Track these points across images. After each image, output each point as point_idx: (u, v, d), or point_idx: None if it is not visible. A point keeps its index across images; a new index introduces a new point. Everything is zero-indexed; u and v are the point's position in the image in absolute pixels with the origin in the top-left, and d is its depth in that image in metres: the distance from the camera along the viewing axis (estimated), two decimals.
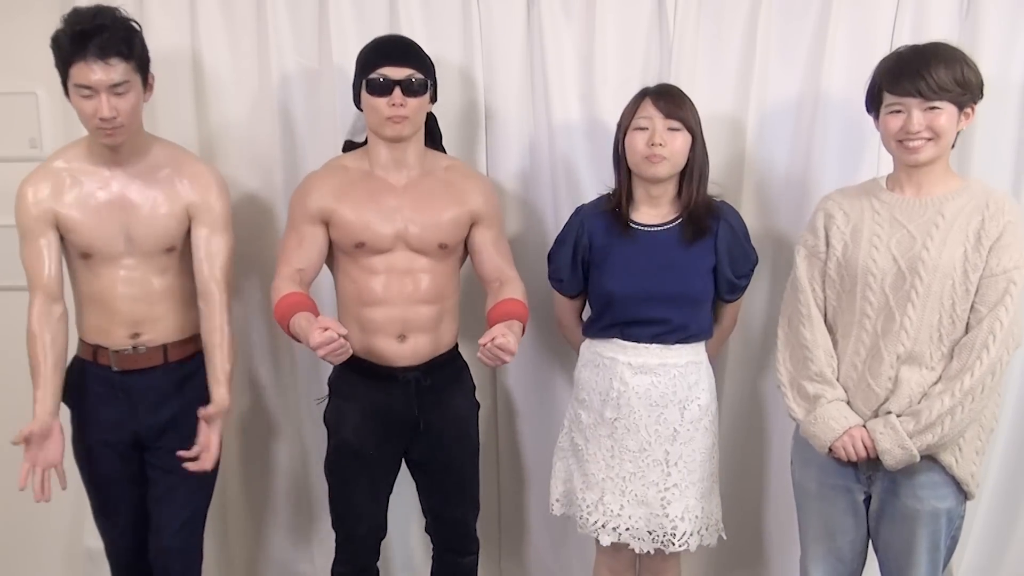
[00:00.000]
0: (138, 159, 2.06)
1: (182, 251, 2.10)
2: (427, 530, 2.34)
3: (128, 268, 2.05)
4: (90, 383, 2.12)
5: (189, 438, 2.10)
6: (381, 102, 2.01)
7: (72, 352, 2.15)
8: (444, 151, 2.26)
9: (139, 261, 2.06)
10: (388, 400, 2.14)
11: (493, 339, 1.89)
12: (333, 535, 2.27)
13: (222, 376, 2.08)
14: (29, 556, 2.77)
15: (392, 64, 2.01)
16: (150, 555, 2.19)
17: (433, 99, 2.12)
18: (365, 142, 2.16)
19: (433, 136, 2.22)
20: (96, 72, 1.88)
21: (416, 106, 2.03)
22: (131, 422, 2.10)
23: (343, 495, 2.20)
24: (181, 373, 2.12)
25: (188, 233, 2.09)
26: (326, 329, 1.83)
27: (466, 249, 2.21)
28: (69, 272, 2.12)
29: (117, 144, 1.99)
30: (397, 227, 2.07)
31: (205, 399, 2.14)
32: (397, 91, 2.00)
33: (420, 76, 2.03)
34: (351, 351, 1.90)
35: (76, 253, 2.07)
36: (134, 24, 1.96)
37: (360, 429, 2.15)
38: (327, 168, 2.14)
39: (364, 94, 2.04)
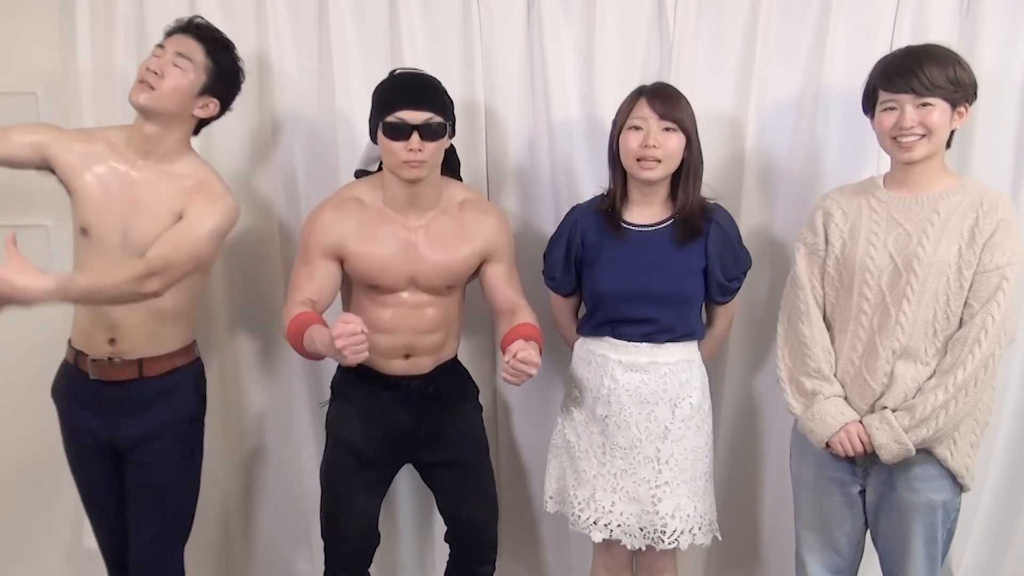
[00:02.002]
0: (167, 161, 2.04)
1: None
2: (446, 538, 2.32)
3: (117, 264, 2.01)
4: (73, 387, 2.13)
5: (165, 454, 2.10)
6: (399, 146, 1.97)
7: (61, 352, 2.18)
8: (460, 179, 2.25)
9: (129, 261, 2.02)
10: (389, 406, 2.15)
11: (515, 354, 1.88)
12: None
13: (71, 277, 1.80)
14: (29, 556, 2.77)
15: (411, 107, 1.96)
16: (129, 565, 2.18)
17: (451, 136, 2.09)
18: (379, 169, 2.16)
19: (451, 166, 2.20)
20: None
21: (434, 149, 1.99)
22: (106, 431, 2.10)
23: (338, 496, 2.19)
24: (156, 388, 2.09)
25: None
26: (349, 323, 1.78)
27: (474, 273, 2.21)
28: (74, 249, 2.10)
29: (145, 105, 1.99)
30: (410, 272, 2.08)
31: (181, 416, 2.13)
32: (415, 136, 1.95)
33: (439, 119, 1.99)
34: (367, 353, 1.83)
35: (78, 224, 2.06)
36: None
37: (360, 431, 2.16)
38: (341, 201, 2.10)
39: (381, 136, 2.01)
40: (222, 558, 2.76)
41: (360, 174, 2.21)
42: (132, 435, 2.09)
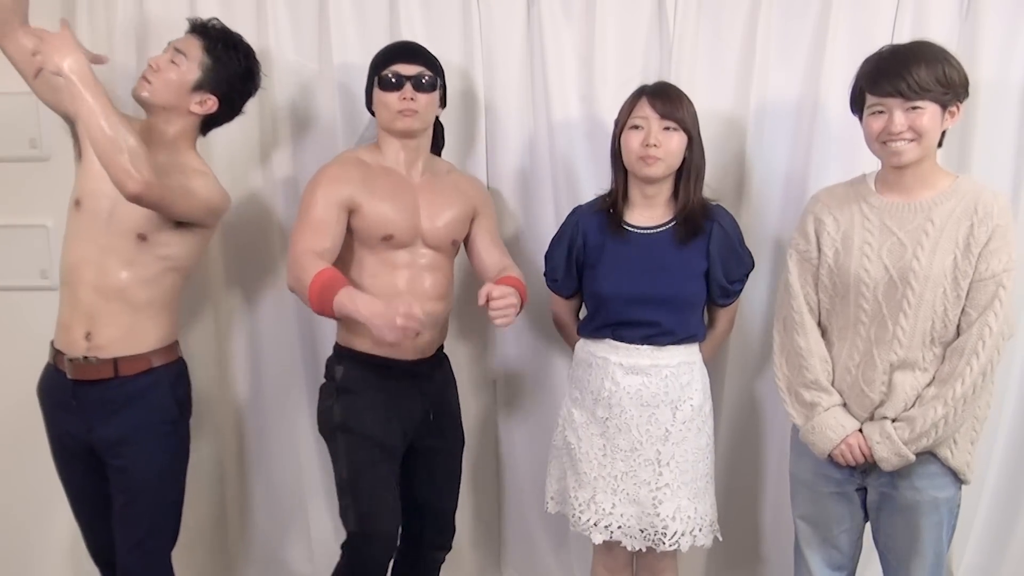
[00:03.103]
0: (166, 154, 2.07)
1: (151, 258, 2.06)
2: (408, 526, 2.27)
3: (99, 246, 2.04)
4: (53, 389, 2.13)
5: (142, 458, 2.08)
6: (392, 97, 2.07)
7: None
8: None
9: (111, 242, 2.04)
10: (403, 394, 2.17)
11: (488, 300, 1.96)
12: (333, 535, 2.25)
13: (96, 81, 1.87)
14: (29, 556, 2.77)
15: (404, 62, 2.09)
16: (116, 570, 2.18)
17: (443, 103, 2.16)
18: None
19: (437, 143, 2.25)
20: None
21: (426, 102, 2.09)
22: (84, 432, 2.09)
23: (374, 496, 2.13)
24: (132, 388, 2.07)
25: (161, 232, 2.04)
26: (415, 307, 1.84)
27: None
28: (67, 222, 2.11)
29: (142, 98, 2.08)
30: (417, 223, 2.12)
31: (158, 417, 2.11)
32: (408, 86, 2.07)
33: (431, 74, 2.10)
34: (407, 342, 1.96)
35: (75, 196, 2.09)
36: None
37: (381, 421, 2.14)
38: (346, 160, 2.13)
39: (376, 91, 2.10)
40: (221, 558, 2.76)
41: None
42: (108, 437, 2.08)
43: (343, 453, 2.13)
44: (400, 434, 2.17)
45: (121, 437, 2.08)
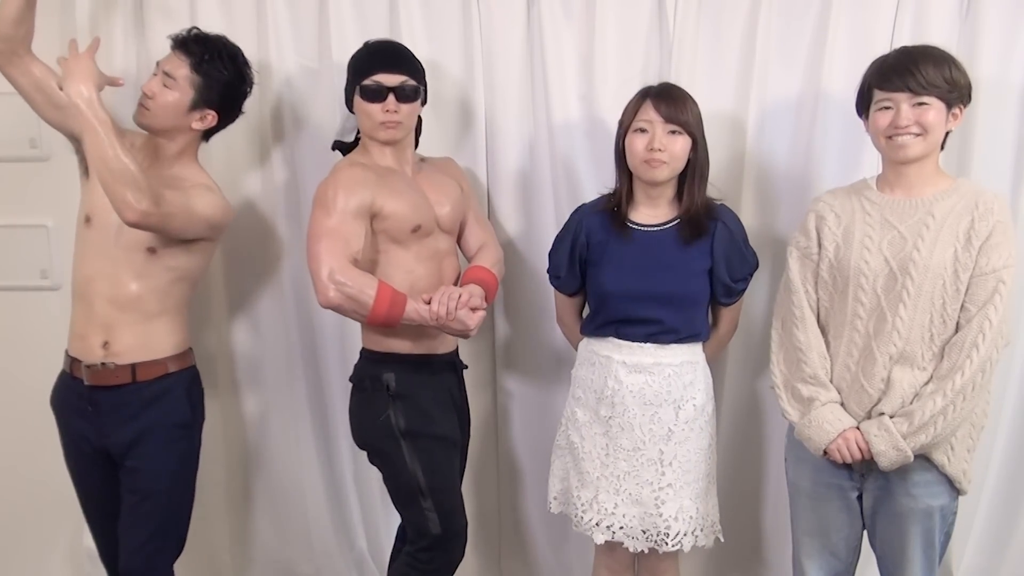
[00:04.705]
0: (170, 167, 2.13)
1: (161, 270, 2.09)
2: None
3: (111, 260, 2.07)
4: (68, 396, 2.15)
5: (154, 459, 2.11)
6: (375, 108, 2.07)
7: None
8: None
9: (122, 256, 2.07)
10: (449, 387, 2.21)
11: (439, 318, 2.02)
12: (333, 536, 2.24)
13: (104, 115, 1.91)
14: (30, 556, 2.77)
15: (386, 71, 2.07)
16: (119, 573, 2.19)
17: (423, 103, 2.17)
18: (355, 142, 2.20)
19: (415, 135, 2.26)
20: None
21: (408, 111, 2.10)
22: (99, 436, 2.11)
23: (451, 491, 2.16)
24: (149, 392, 2.11)
25: (169, 245, 2.08)
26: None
27: None
28: (75, 241, 2.15)
29: (145, 124, 2.12)
30: (432, 213, 2.15)
31: (172, 421, 2.14)
32: (391, 98, 2.06)
33: (413, 83, 2.09)
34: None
35: (84, 212, 2.12)
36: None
37: (445, 418, 2.17)
38: (353, 165, 2.12)
39: (358, 99, 2.10)
40: (223, 559, 2.76)
41: (336, 145, 2.25)
42: (123, 440, 2.10)
43: (415, 458, 2.10)
44: (459, 427, 2.22)
45: (135, 438, 2.10)
